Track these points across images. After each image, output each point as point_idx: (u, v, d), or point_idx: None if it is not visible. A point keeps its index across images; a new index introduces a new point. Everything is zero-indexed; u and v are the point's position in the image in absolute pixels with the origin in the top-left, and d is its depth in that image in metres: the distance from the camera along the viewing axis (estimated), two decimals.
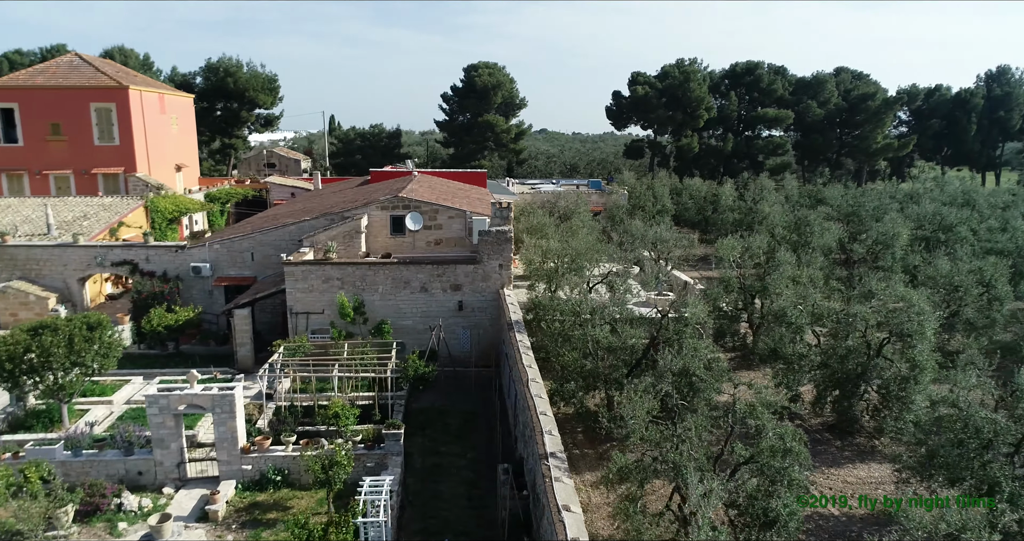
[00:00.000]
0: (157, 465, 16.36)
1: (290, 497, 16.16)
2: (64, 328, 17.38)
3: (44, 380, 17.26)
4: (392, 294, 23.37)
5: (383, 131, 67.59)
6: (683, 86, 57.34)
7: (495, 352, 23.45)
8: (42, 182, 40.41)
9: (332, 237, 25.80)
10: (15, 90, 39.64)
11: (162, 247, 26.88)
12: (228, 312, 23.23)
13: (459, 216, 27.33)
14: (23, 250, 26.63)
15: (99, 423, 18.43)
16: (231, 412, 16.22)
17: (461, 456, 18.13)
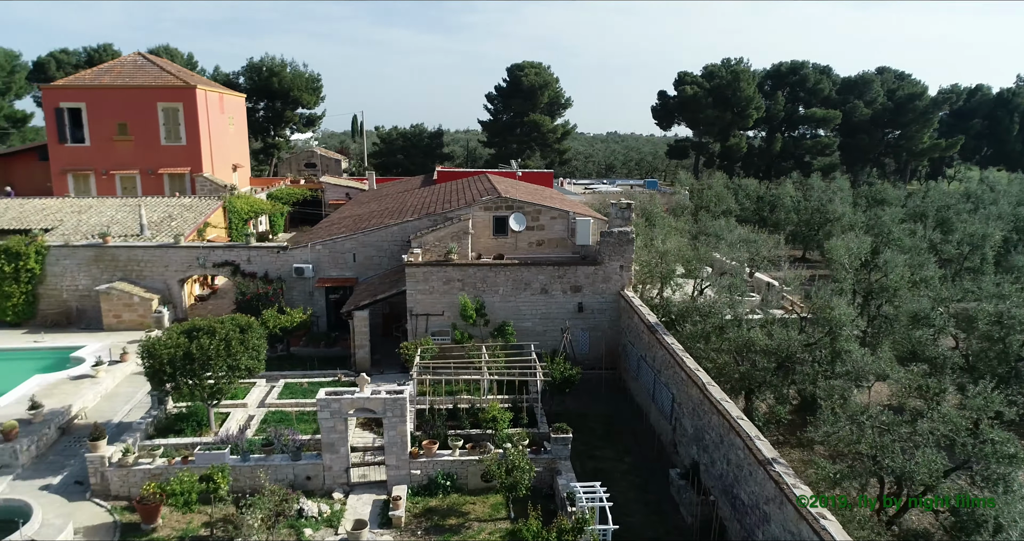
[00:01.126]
0: (326, 470, 16.13)
1: (462, 503, 15.92)
2: (220, 330, 17.14)
3: (202, 383, 17.02)
4: (512, 296, 23.14)
5: (424, 131, 67.34)
6: (732, 86, 57.09)
7: (614, 354, 23.22)
8: (108, 182, 40.22)
9: (440, 238, 25.56)
10: (83, 90, 39.43)
11: (264, 248, 26.65)
12: (348, 314, 22.99)
13: (562, 217, 27.08)
14: (124, 251, 26.40)
15: (249, 427, 18.17)
16: (402, 416, 15.98)
17: (618, 460, 17.89)
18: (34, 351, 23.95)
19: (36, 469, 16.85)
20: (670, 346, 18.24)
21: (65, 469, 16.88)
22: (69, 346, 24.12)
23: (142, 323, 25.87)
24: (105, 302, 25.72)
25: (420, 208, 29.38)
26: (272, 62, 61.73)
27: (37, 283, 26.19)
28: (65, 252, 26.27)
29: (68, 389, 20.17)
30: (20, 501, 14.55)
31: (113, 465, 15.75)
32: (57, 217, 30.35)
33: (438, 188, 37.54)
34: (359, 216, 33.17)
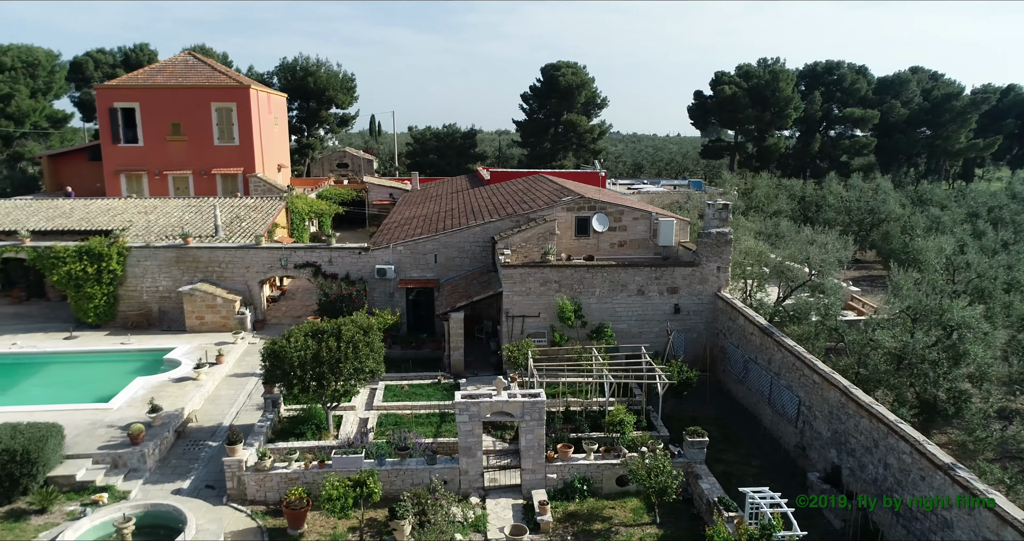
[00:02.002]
0: (462, 474, 15.95)
1: (601, 507, 15.74)
2: (347, 332, 16.96)
3: (328, 386, 16.85)
4: (609, 297, 22.96)
5: (457, 131, 67.13)
6: (771, 86, 56.91)
7: (710, 356, 23.03)
8: (161, 182, 40.08)
9: (527, 239, 25.39)
10: (137, 89, 39.29)
11: (345, 249, 26.46)
12: (444, 315, 22.80)
13: (644, 217, 26.91)
14: (206, 252, 26.21)
15: (370, 430, 17.99)
16: (539, 420, 15.81)
17: (745, 463, 17.71)
18: (123, 353, 23.79)
19: (163, 473, 16.69)
20: (793, 349, 18.05)
21: (191, 472, 16.71)
22: (157, 348, 23.96)
23: (224, 325, 25.71)
24: (188, 303, 25.54)
25: (497, 209, 29.19)
26: (307, 62, 61.54)
27: (118, 284, 26.00)
28: (146, 253, 26.09)
29: (173, 392, 20.00)
30: (168, 506, 14.37)
31: (250, 469, 15.56)
32: (124, 218, 30.16)
33: (498, 188, 37.37)
34: (424, 217, 32.98)
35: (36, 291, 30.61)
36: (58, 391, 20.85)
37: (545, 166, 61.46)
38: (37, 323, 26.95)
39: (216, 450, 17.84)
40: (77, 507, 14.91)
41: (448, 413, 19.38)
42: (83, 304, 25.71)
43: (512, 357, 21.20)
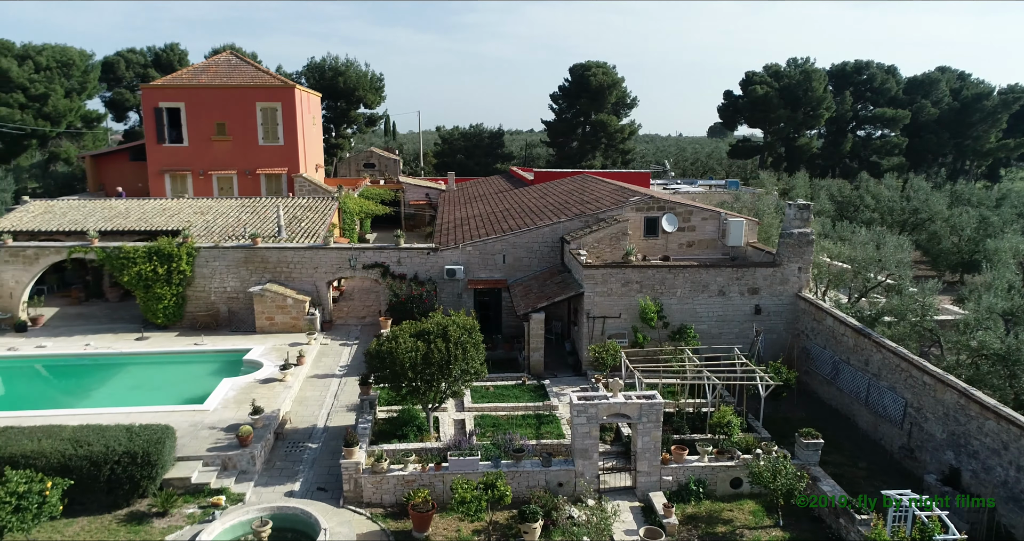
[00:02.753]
0: (577, 476, 15.83)
1: (719, 509, 15.62)
2: (454, 333, 16.85)
3: (435, 387, 16.74)
4: (690, 298, 22.83)
5: (484, 131, 66.99)
6: (803, 85, 56.81)
7: (796, 357, 22.90)
8: (205, 182, 39.94)
9: (599, 240, 25.29)
10: (182, 89, 39.16)
11: (413, 249, 26.36)
12: (524, 316, 22.67)
13: (713, 217, 26.81)
14: (275, 252, 26.10)
15: (474, 432, 17.85)
16: (656, 422, 15.71)
17: (851, 465, 17.59)
18: (199, 354, 23.67)
19: (270, 475, 16.57)
20: (897, 350, 17.94)
21: (298, 475, 16.60)
22: (232, 349, 23.84)
23: (294, 326, 25.59)
24: (258, 304, 25.42)
25: (559, 209, 29.08)
26: (335, 62, 61.41)
27: (186, 285, 25.88)
28: (215, 254, 25.97)
29: (264, 393, 19.87)
30: (296, 509, 14.27)
31: (366, 471, 15.44)
32: (181, 218, 30.01)
33: (547, 188, 37.25)
34: (478, 217, 32.87)
35: (95, 291, 30.50)
36: (143, 393, 20.77)
37: (574, 166, 61.35)
38: (103, 324, 26.84)
39: (317, 452, 17.74)
40: (196, 510, 14.82)
41: (543, 414, 19.25)
42: (152, 305, 25.58)
43: (600, 358, 21.08)
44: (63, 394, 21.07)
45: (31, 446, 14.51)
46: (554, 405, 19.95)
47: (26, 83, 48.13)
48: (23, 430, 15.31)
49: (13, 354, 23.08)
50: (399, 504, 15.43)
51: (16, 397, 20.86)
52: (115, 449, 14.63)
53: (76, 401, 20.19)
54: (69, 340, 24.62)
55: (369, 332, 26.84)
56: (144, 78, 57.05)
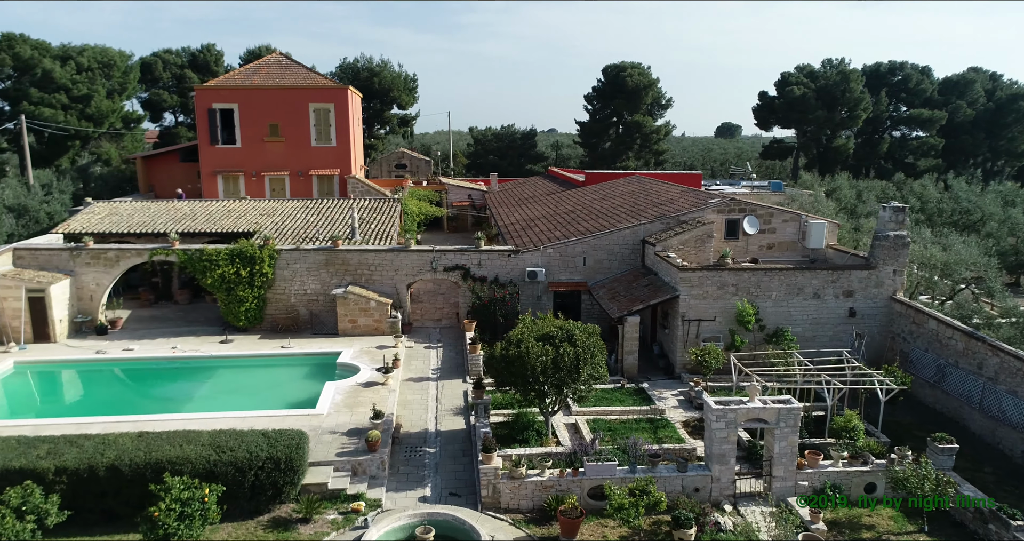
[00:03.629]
0: (714, 481, 15.72)
1: (858, 515, 15.50)
2: (580, 336, 16.75)
3: (565, 392, 16.64)
4: (784, 300, 22.73)
5: (516, 131, 66.88)
6: (841, 86, 56.73)
7: (898, 360, 22.75)
8: (257, 184, 39.88)
9: (684, 242, 25.20)
10: (236, 91, 39.10)
11: (494, 251, 26.26)
12: (619, 320, 22.55)
13: (793, 219, 26.72)
14: (356, 255, 25.99)
15: (596, 437, 17.72)
16: (794, 426, 15.59)
17: (977, 470, 17.44)
18: (288, 357, 23.55)
19: (398, 480, 16.47)
20: (1017, 353, 17.82)
21: (425, 480, 16.50)
22: (320, 352, 23.73)
23: (377, 328, 25.48)
24: (341, 307, 25.31)
25: (635, 211, 28.96)
26: (369, 62, 61.34)
27: (267, 287, 25.77)
28: (296, 256, 25.86)
29: (369, 397, 19.76)
30: (447, 515, 14.18)
31: (505, 477, 15.34)
32: (249, 220, 29.90)
33: (604, 189, 37.12)
34: (544, 218, 32.77)
35: (163, 293, 30.39)
36: (243, 397, 20.66)
37: (608, 166, 61.24)
38: (179, 326, 26.74)
39: (436, 456, 17.64)
40: (337, 515, 14.73)
41: (654, 419, 19.17)
42: (234, 307, 25.47)
43: (703, 362, 20.98)
44: (163, 398, 20.97)
45: (175, 452, 14.42)
46: (661, 409, 19.86)
47: (68, 84, 48.02)
48: (159, 435, 15.21)
49: (103, 357, 22.98)
50: (536, 509, 15.33)
51: (117, 401, 20.76)
52: (258, 455, 14.54)
53: (178, 405, 20.09)
54: (152, 343, 24.51)
55: (449, 335, 26.74)
56: (181, 79, 56.96)
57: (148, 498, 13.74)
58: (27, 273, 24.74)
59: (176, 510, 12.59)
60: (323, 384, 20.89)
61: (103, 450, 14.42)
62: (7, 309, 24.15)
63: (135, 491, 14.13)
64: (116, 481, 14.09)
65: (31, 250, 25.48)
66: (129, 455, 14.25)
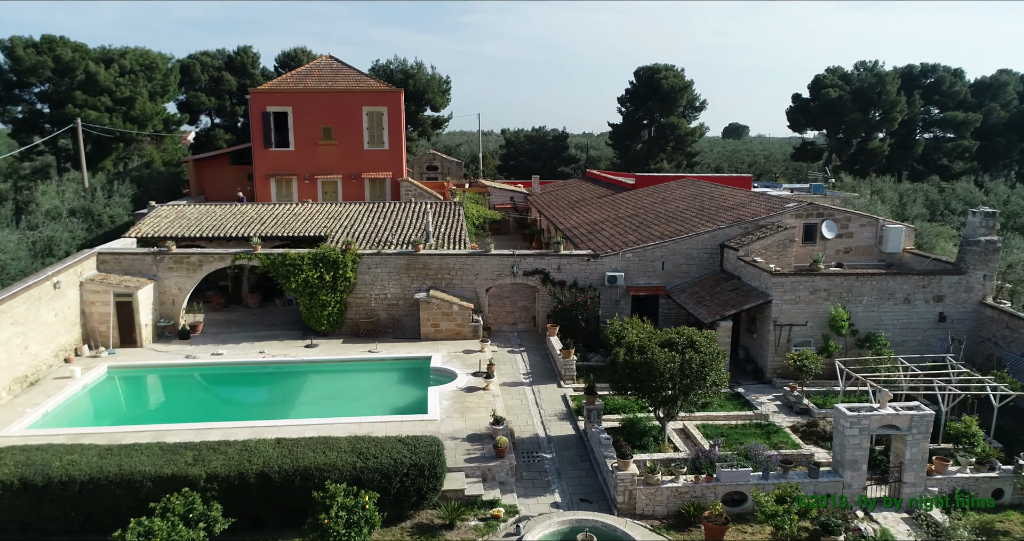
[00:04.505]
0: (845, 487, 15.80)
1: (989, 521, 15.57)
2: (703, 344, 16.84)
3: (690, 397, 16.74)
4: (875, 305, 22.80)
5: (547, 133, 66.94)
6: (877, 88, 56.84)
7: (974, 365, 22.86)
8: (310, 187, 39.97)
9: (766, 247, 25.27)
10: (290, 94, 39.14)
11: (573, 256, 26.35)
12: (711, 324, 22.63)
13: (870, 224, 26.81)
14: (436, 259, 26.08)
15: (717, 443, 17.82)
16: (925, 433, 15.67)
17: None
18: (377, 362, 23.64)
19: (524, 486, 16.55)
20: None
21: (551, 485, 16.58)
22: (408, 357, 23.82)
23: (459, 332, 25.57)
24: (424, 311, 25.40)
25: (708, 215, 29.02)
26: (403, 64, 61.38)
27: (348, 292, 25.86)
28: (377, 260, 25.95)
29: (473, 401, 19.87)
30: (595, 521, 14.25)
31: (640, 483, 15.42)
32: (317, 224, 29.95)
33: (661, 192, 37.18)
34: (608, 221, 32.83)
35: (233, 297, 30.49)
36: (343, 403, 20.77)
37: (640, 168, 61.34)
38: (257, 330, 26.84)
39: (554, 461, 17.72)
40: (478, 522, 14.81)
41: (762, 424, 19.28)
42: (316, 312, 25.56)
43: (802, 367, 21.08)
44: (265, 403, 21.06)
45: (321, 458, 14.50)
46: (764, 413, 19.98)
47: (112, 86, 48.07)
48: (298, 442, 15.29)
49: (195, 362, 23.08)
50: (670, 515, 15.41)
51: (218, 405, 20.86)
52: (402, 461, 14.63)
53: (283, 410, 20.17)
54: (237, 347, 24.61)
55: (528, 338, 26.82)
56: (218, 81, 57.01)
57: (294, 504, 13.90)
58: (113, 278, 24.83)
59: (343, 517, 12.67)
60: (418, 389, 21.09)
61: (248, 457, 14.50)
62: (95, 314, 24.25)
63: (283, 497, 14.25)
64: (266, 488, 14.17)
65: (115, 254, 25.56)
66: (277, 462, 14.33)
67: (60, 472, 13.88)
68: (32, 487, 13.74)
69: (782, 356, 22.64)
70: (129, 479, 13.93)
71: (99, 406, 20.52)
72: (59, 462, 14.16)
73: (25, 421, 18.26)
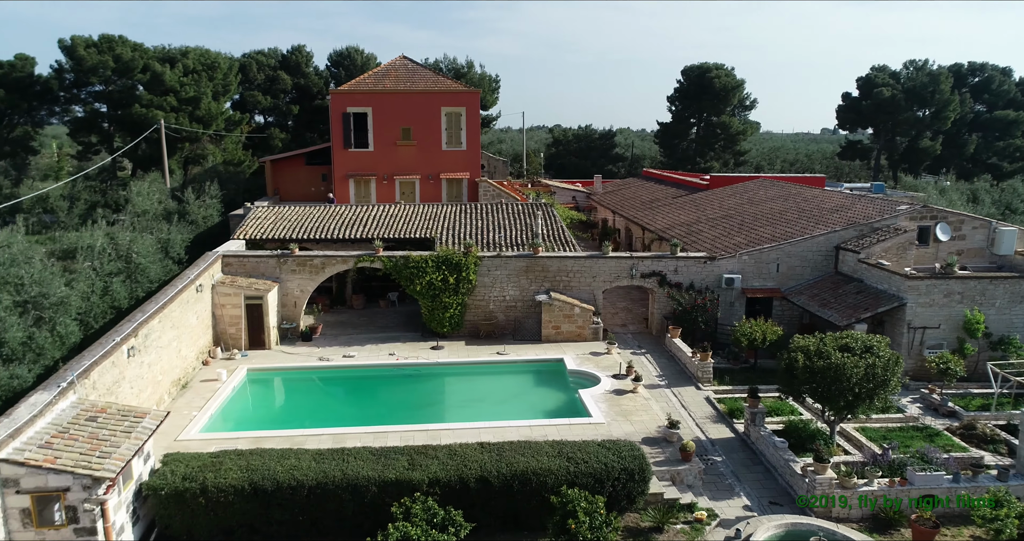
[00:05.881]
0: None
1: None
2: (881, 348, 17.05)
3: (871, 402, 16.96)
4: (1008, 308, 23.03)
5: (594, 131, 67.09)
6: (930, 87, 56.99)
7: None
8: (388, 187, 40.18)
9: (886, 249, 25.48)
10: (370, 95, 39.33)
11: (690, 258, 26.56)
12: (847, 326, 22.84)
13: (983, 226, 27.03)
14: (555, 261, 26.30)
15: (894, 445, 18.03)
16: None
17: None
18: (509, 364, 23.87)
19: (708, 489, 16.77)
20: None
21: (735, 488, 16.81)
22: (538, 359, 24.06)
23: (579, 334, 25.81)
24: (546, 313, 25.63)
25: (815, 217, 29.17)
26: (453, 63, 61.51)
27: (468, 294, 26.08)
28: (496, 263, 26.16)
29: (627, 404, 20.12)
30: (810, 525, 14.49)
31: (837, 486, 15.65)
32: (419, 225, 30.10)
33: (745, 193, 37.31)
34: (700, 222, 33.02)
35: (338, 299, 30.70)
36: (491, 406, 20.92)
37: (686, 167, 61.50)
38: (373, 332, 27.10)
39: (727, 464, 17.93)
40: (683, 526, 15.05)
41: (920, 427, 19.49)
42: (438, 314, 25.79)
43: (946, 370, 21.31)
44: (416, 406, 21.19)
45: (535, 463, 14.75)
46: (913, 416, 20.21)
47: (176, 86, 48.23)
48: (499, 446, 15.53)
49: (331, 365, 23.31)
50: (865, 518, 15.64)
51: (371, 408, 21.05)
52: (614, 466, 14.88)
53: (438, 413, 20.44)
54: (363, 349, 24.86)
55: (644, 340, 27.02)
56: (273, 80, 57.15)
57: (510, 508, 14.17)
58: (241, 280, 25.04)
59: (586, 522, 12.91)
60: (561, 391, 21.49)
61: (462, 462, 14.75)
62: (225, 316, 24.47)
63: (501, 502, 14.49)
64: (485, 492, 14.41)
65: (238, 257, 25.77)
66: (494, 467, 14.57)
67: (287, 477, 14.12)
68: (262, 492, 13.99)
69: (915, 359, 22.87)
70: (354, 484, 14.17)
71: (257, 409, 20.80)
72: (281, 467, 14.40)
73: (196, 425, 18.48)
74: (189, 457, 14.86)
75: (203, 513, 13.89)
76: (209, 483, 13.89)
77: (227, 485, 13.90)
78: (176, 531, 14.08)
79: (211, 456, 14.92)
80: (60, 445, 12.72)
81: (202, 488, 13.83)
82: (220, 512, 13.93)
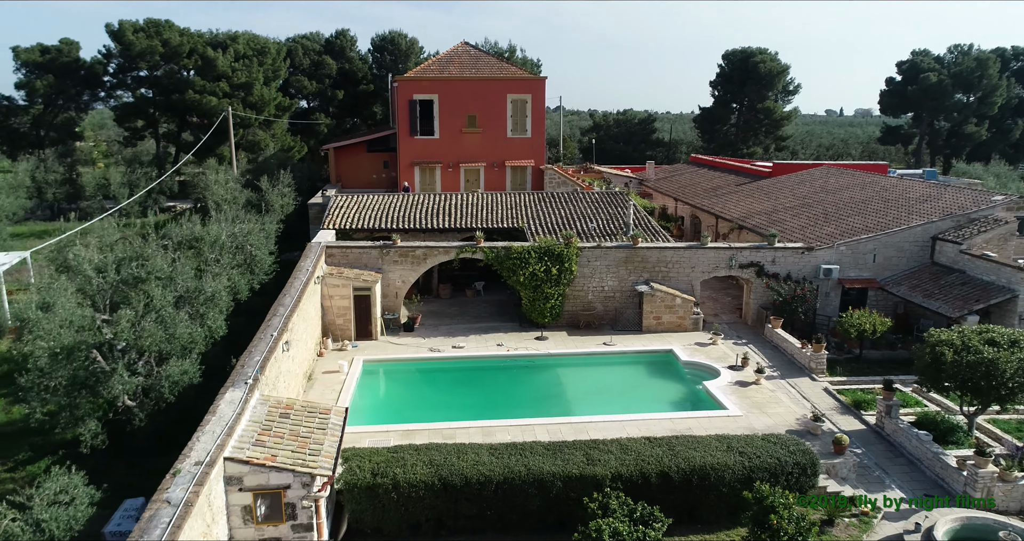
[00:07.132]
0: None
1: None
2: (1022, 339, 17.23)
3: (1016, 396, 17.15)
4: None
5: (634, 116, 66.90)
6: (978, 72, 56.77)
7: None
8: (453, 175, 40.20)
9: (988, 240, 25.59)
10: (436, 82, 39.21)
11: (788, 249, 26.66)
12: (958, 319, 23.02)
13: None
14: (655, 252, 26.40)
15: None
16: None
17: None
18: (619, 355, 24.07)
19: (862, 481, 16.98)
20: None
21: (884, 480, 17.02)
22: (645, 350, 24.29)
23: (680, 325, 25.98)
24: (648, 303, 25.78)
25: (902, 206, 29.20)
26: (495, 47, 61.14)
27: (568, 284, 26.21)
28: (597, 254, 26.26)
29: (752, 395, 20.39)
30: (986, 519, 14.73)
31: (999, 480, 15.89)
32: (503, 215, 30.15)
33: (812, 180, 37.25)
34: (779, 211, 33.06)
35: (424, 289, 30.81)
36: (614, 397, 21.12)
37: (728, 152, 61.38)
38: (470, 322, 27.26)
39: (867, 456, 18.11)
40: (850, 518, 15.28)
41: None
42: (539, 304, 25.94)
43: None
44: (541, 398, 21.32)
45: (711, 458, 15.00)
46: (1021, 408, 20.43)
47: (228, 72, 48.03)
48: (669, 440, 15.78)
49: (442, 356, 23.49)
50: (1022, 511, 15.90)
51: (497, 399, 21.19)
52: (786, 460, 15.13)
53: (564, 405, 20.52)
54: (467, 340, 25.03)
55: (742, 330, 27.13)
56: (318, 65, 56.84)
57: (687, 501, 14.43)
58: (348, 271, 25.15)
59: (785, 516, 13.14)
60: (678, 382, 22.02)
61: (637, 457, 14.98)
62: (333, 307, 24.62)
63: (679, 495, 14.73)
64: (665, 486, 14.65)
65: (342, 248, 25.87)
66: (672, 462, 14.81)
67: (474, 473, 14.34)
68: (451, 487, 14.22)
69: None
70: (540, 479, 14.41)
71: (387, 400, 20.98)
72: (464, 462, 14.61)
73: None
74: (368, 453, 15.06)
75: (394, 507, 14.14)
76: (400, 478, 14.12)
77: (417, 480, 14.14)
78: (367, 525, 14.33)
79: (389, 451, 15.14)
80: (271, 443, 12.92)
81: (394, 483, 14.06)
82: (411, 507, 14.18)
